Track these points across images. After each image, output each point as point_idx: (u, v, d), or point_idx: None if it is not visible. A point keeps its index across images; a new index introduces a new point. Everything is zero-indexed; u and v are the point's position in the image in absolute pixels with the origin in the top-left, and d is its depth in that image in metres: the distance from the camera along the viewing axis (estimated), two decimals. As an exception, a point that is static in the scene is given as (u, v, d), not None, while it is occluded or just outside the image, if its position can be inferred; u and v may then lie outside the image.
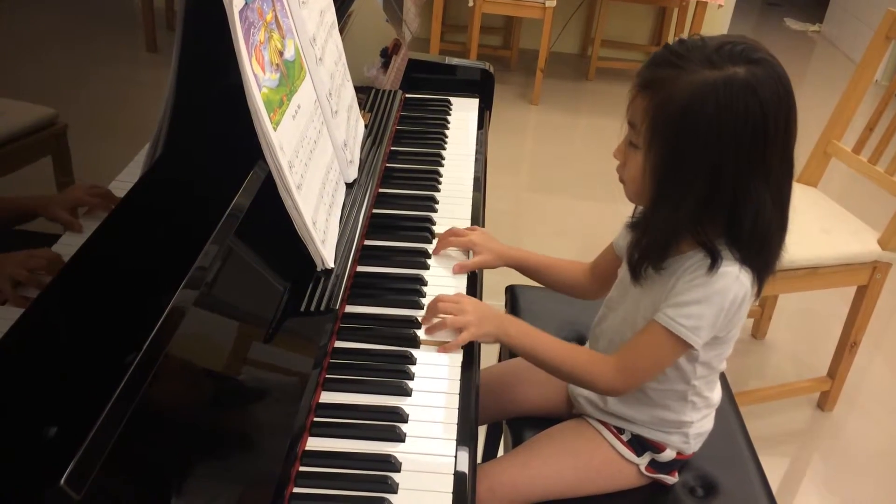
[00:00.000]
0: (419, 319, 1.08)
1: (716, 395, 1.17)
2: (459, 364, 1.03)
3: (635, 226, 1.07)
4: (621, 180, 1.05)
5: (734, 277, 0.99)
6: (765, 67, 0.94)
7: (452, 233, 1.25)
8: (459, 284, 1.18)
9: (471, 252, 1.25)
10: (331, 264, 1.06)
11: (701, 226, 0.98)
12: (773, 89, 0.93)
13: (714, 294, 0.99)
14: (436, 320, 1.07)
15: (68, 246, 0.76)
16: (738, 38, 0.97)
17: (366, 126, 1.40)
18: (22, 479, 0.59)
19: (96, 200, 0.82)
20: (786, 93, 0.95)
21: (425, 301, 1.11)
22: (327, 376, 0.97)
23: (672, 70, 0.95)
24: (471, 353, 1.05)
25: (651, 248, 1.02)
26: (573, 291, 1.31)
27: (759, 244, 0.99)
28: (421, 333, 1.06)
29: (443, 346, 1.04)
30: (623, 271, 1.13)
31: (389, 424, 0.91)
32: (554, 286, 1.32)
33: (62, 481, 0.57)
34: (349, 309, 1.09)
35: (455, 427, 0.93)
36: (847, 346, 2.07)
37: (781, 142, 0.96)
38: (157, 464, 0.69)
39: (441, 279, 1.18)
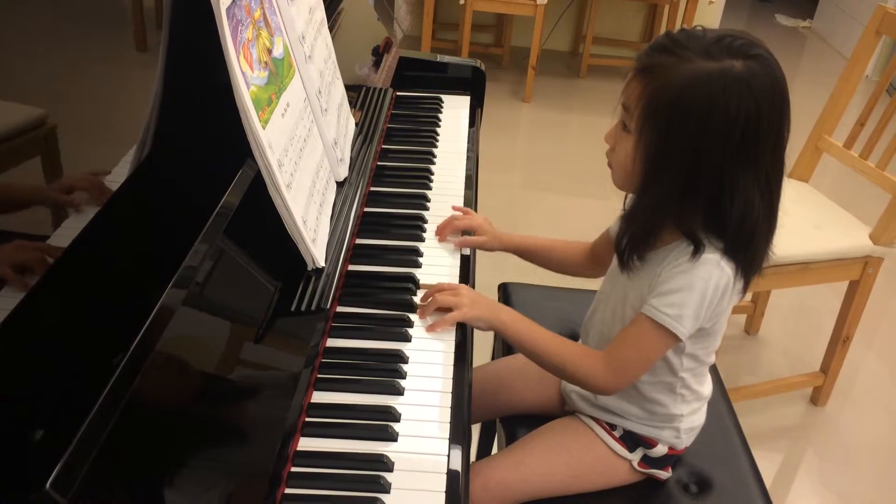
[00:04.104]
0: (411, 318, 1.08)
1: (706, 388, 1.17)
2: (452, 362, 1.02)
3: (624, 216, 1.07)
4: (609, 165, 1.05)
5: (715, 264, 0.99)
6: (761, 64, 0.94)
7: (462, 210, 1.30)
8: (452, 282, 1.18)
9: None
10: (322, 263, 1.05)
11: (685, 215, 0.99)
12: (767, 86, 0.93)
13: (696, 280, 0.99)
14: (429, 302, 1.08)
15: (56, 246, 0.75)
16: (739, 32, 0.97)
17: (356, 124, 1.40)
18: (6, 482, 0.58)
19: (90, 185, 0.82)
20: (780, 91, 0.95)
21: (417, 300, 1.11)
22: (319, 376, 0.97)
23: (670, 57, 0.95)
24: (463, 351, 1.05)
25: (636, 235, 1.02)
26: (572, 271, 1.34)
27: (745, 240, 0.99)
28: (417, 320, 1.08)
29: (432, 325, 1.05)
30: (614, 263, 1.13)
31: (382, 424, 0.91)
32: (553, 267, 1.34)
33: (48, 485, 0.56)
34: (340, 308, 1.08)
35: (448, 426, 0.93)
36: (840, 340, 2.07)
37: (774, 140, 0.96)
38: (145, 467, 0.68)
39: (433, 277, 1.17)
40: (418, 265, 1.20)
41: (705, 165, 0.95)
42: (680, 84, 0.94)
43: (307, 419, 0.91)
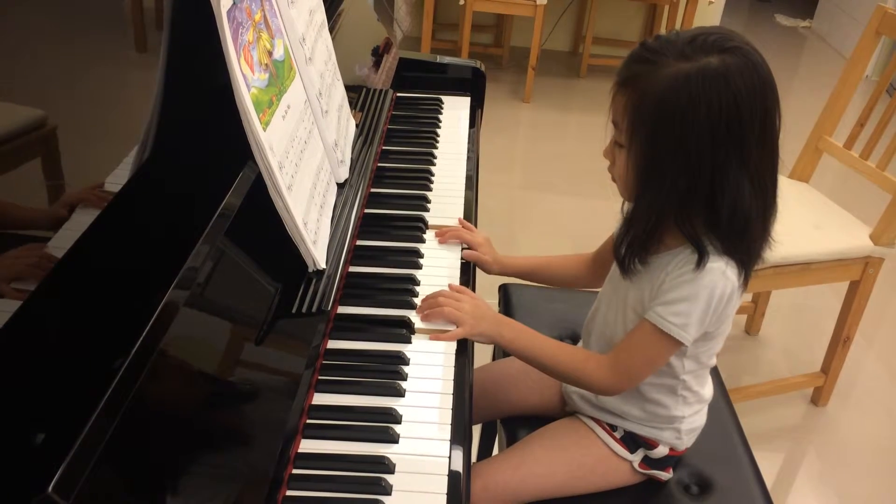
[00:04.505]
0: (412, 319, 1.08)
1: (707, 390, 1.17)
2: (453, 364, 1.02)
3: (623, 221, 1.07)
4: (613, 179, 1.06)
5: (720, 273, 0.99)
6: (738, 56, 0.94)
7: (465, 226, 1.29)
8: (453, 283, 1.18)
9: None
10: (322, 265, 1.05)
11: (683, 217, 0.99)
12: (746, 77, 0.93)
13: (701, 290, 0.99)
14: (432, 309, 1.08)
15: (57, 249, 0.75)
16: (713, 28, 0.97)
17: (357, 126, 1.40)
18: (9, 486, 0.58)
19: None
20: (761, 80, 0.95)
21: (418, 301, 1.11)
22: (320, 378, 0.97)
23: (647, 66, 0.96)
24: (464, 353, 1.05)
25: (635, 240, 1.03)
26: (574, 283, 1.33)
27: (738, 231, 0.98)
28: (416, 321, 1.07)
29: (435, 335, 1.05)
30: (615, 266, 1.13)
31: (383, 426, 0.91)
32: (555, 283, 1.34)
33: (50, 489, 0.56)
34: (341, 310, 1.08)
35: (449, 427, 0.93)
36: (840, 341, 2.07)
37: (759, 129, 0.96)
38: (147, 470, 0.68)
39: (434, 279, 1.17)
40: (419, 266, 1.20)
41: (696, 164, 0.95)
42: (660, 89, 0.94)
43: (308, 421, 0.91)
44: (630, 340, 1.06)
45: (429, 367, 1.01)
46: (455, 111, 1.71)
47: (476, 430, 1.57)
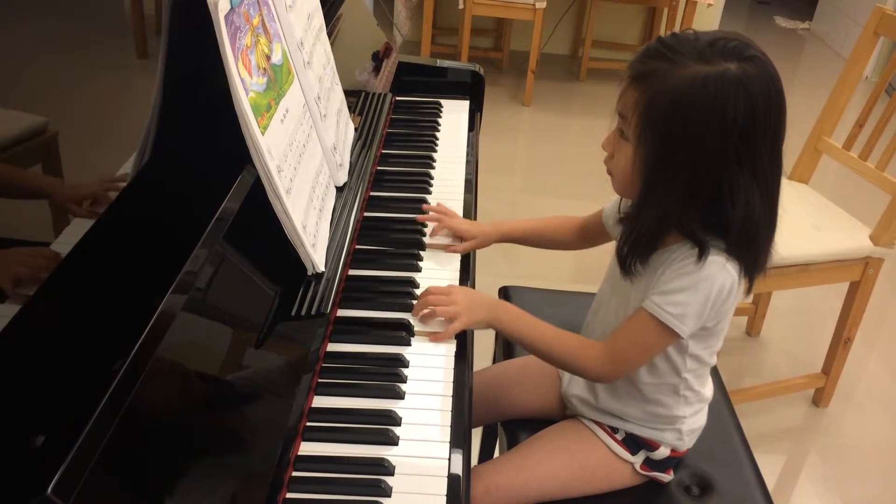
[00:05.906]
0: (412, 322, 1.08)
1: (707, 389, 1.17)
2: (453, 366, 1.02)
3: (624, 221, 1.07)
4: (609, 172, 1.06)
5: (721, 266, 0.99)
6: (756, 65, 0.94)
7: (442, 211, 1.32)
8: (453, 284, 1.18)
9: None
10: (321, 268, 1.06)
11: (687, 219, 0.99)
12: (763, 87, 0.94)
13: (700, 282, 0.99)
14: (426, 311, 1.08)
15: (56, 252, 0.76)
16: (732, 34, 0.97)
17: (356, 129, 1.40)
18: (8, 487, 0.58)
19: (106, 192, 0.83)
20: (776, 92, 0.95)
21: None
22: (319, 381, 0.97)
23: (664, 63, 0.95)
24: (464, 356, 1.05)
25: (639, 241, 1.02)
26: (566, 247, 1.38)
27: (747, 240, 0.99)
28: (415, 324, 1.08)
29: (434, 336, 1.06)
30: (612, 266, 1.13)
31: (382, 428, 0.91)
32: (544, 247, 1.39)
33: (49, 490, 0.56)
34: (341, 313, 1.08)
35: (449, 430, 0.93)
36: (841, 341, 2.07)
37: (771, 140, 0.96)
38: (146, 472, 0.68)
39: (433, 282, 1.17)
40: (418, 269, 1.20)
41: (705, 169, 0.95)
42: (677, 89, 0.94)
43: (308, 423, 0.91)
44: (626, 328, 1.06)
45: (428, 369, 1.02)
46: (454, 115, 1.72)
47: (477, 433, 1.57)
